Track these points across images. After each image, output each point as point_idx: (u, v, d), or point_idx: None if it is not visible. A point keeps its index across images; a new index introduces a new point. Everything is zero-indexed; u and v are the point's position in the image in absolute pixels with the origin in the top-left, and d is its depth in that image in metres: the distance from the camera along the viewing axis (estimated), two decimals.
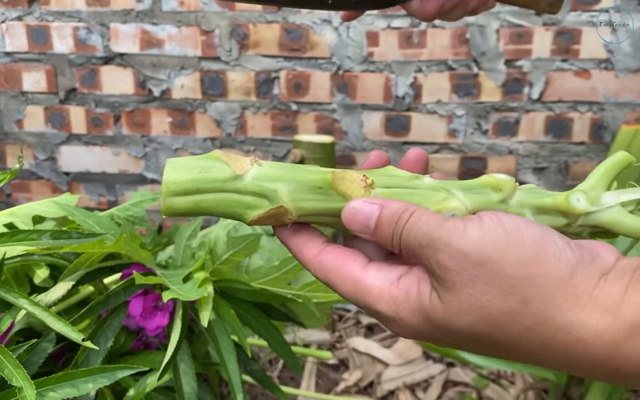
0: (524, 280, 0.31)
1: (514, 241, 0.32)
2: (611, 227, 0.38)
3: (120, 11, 1.54)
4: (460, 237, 0.33)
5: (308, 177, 0.38)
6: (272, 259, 0.74)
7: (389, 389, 1.45)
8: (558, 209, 0.38)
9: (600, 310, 0.31)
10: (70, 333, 0.55)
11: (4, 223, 0.70)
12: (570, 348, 0.31)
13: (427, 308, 0.34)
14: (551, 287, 0.32)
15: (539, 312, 0.31)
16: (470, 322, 0.32)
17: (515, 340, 0.32)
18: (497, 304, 0.32)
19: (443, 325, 0.33)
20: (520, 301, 0.31)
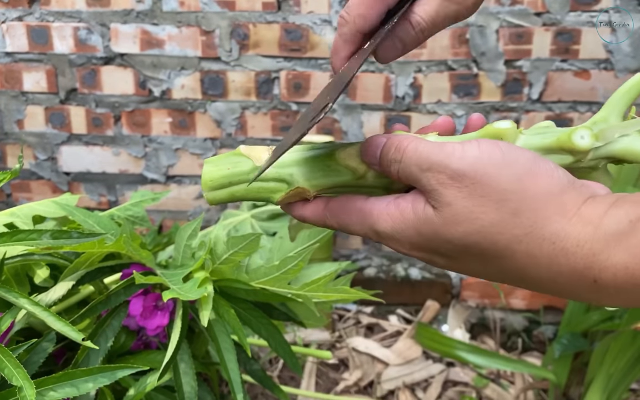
0: (517, 193, 0.34)
1: (509, 159, 0.34)
2: (626, 156, 0.39)
3: (120, 11, 1.54)
4: (459, 159, 0.35)
5: (318, 158, 0.42)
6: (272, 258, 0.74)
7: (388, 389, 1.45)
8: (562, 148, 0.39)
9: (584, 222, 0.32)
10: (71, 333, 0.55)
11: (5, 223, 0.70)
12: (554, 259, 0.33)
13: (421, 220, 0.36)
14: (542, 201, 0.33)
15: (528, 222, 0.33)
16: (462, 232, 0.35)
17: (503, 250, 0.34)
18: (490, 215, 0.34)
19: (435, 236, 0.36)
20: (512, 212, 0.33)
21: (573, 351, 1.26)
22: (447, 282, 1.66)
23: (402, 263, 1.68)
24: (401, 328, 1.63)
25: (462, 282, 1.65)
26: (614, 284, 0.31)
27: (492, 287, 1.62)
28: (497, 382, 1.47)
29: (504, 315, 1.64)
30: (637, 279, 0.30)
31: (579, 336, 1.26)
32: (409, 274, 1.67)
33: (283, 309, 0.74)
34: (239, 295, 0.70)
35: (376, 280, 1.67)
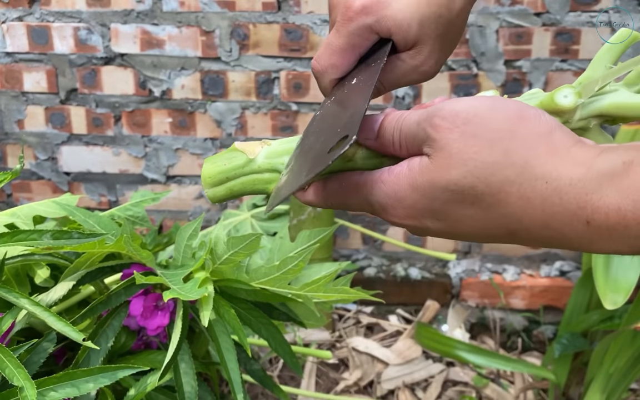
0: (507, 132, 0.34)
1: (500, 104, 0.35)
2: (614, 112, 0.38)
3: (120, 11, 1.55)
4: (452, 102, 0.35)
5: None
6: (273, 258, 0.74)
7: (388, 389, 1.45)
8: (547, 110, 0.39)
9: (576, 163, 0.32)
10: (71, 333, 0.55)
11: (5, 223, 0.70)
12: (547, 199, 0.32)
13: (415, 173, 0.36)
14: (532, 140, 0.33)
15: (520, 162, 0.33)
16: (456, 175, 0.34)
17: (497, 193, 0.34)
18: (482, 155, 0.33)
19: (430, 186, 0.35)
20: (503, 151, 0.33)
21: (573, 351, 1.26)
22: (447, 282, 1.66)
23: (402, 263, 1.68)
24: (401, 328, 1.63)
25: (462, 282, 1.65)
26: (606, 226, 0.31)
27: (492, 287, 1.62)
28: (497, 382, 1.47)
29: (504, 315, 1.64)
30: (628, 221, 0.30)
31: (579, 336, 1.26)
32: (409, 273, 1.67)
33: (283, 309, 0.75)
34: (239, 295, 0.70)
35: (376, 280, 1.67)
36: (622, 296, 1.03)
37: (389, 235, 1.66)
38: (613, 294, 1.04)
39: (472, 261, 1.66)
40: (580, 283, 1.34)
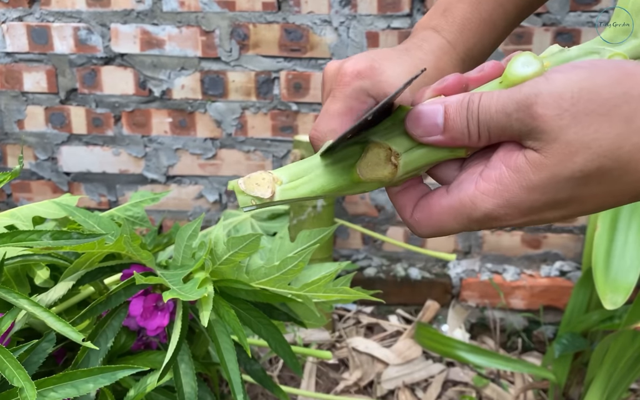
0: (621, 97, 0.30)
1: (596, 69, 0.32)
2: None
3: (120, 11, 1.55)
4: (547, 85, 0.31)
5: (335, 183, 0.38)
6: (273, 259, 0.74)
7: (388, 389, 1.45)
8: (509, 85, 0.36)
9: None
10: (71, 333, 0.55)
11: (4, 224, 0.70)
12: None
13: (527, 173, 0.33)
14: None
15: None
16: (581, 161, 0.31)
17: (626, 164, 0.31)
18: (603, 131, 0.31)
19: (550, 181, 0.32)
20: (624, 119, 0.30)
21: (573, 351, 1.26)
22: (447, 282, 1.66)
23: (402, 263, 1.68)
24: (401, 328, 1.63)
25: (462, 282, 1.65)
26: None
27: (492, 287, 1.62)
28: (497, 382, 1.47)
29: (504, 315, 1.64)
30: None
31: (579, 336, 1.26)
32: (409, 274, 1.67)
33: (283, 309, 0.74)
34: (239, 295, 0.70)
35: (376, 280, 1.67)
36: (622, 296, 1.03)
37: (389, 235, 1.66)
38: (613, 294, 1.04)
39: (472, 261, 1.66)
40: (580, 283, 1.34)
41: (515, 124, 0.33)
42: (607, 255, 1.09)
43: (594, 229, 1.15)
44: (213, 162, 1.65)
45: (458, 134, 0.35)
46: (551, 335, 1.62)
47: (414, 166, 0.37)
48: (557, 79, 0.31)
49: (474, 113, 0.34)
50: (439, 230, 0.37)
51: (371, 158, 0.37)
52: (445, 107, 0.36)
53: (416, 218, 0.38)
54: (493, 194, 0.34)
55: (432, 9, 0.51)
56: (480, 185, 0.34)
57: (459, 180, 0.36)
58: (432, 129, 0.36)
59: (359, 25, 1.50)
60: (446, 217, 0.36)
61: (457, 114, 0.35)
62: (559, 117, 0.31)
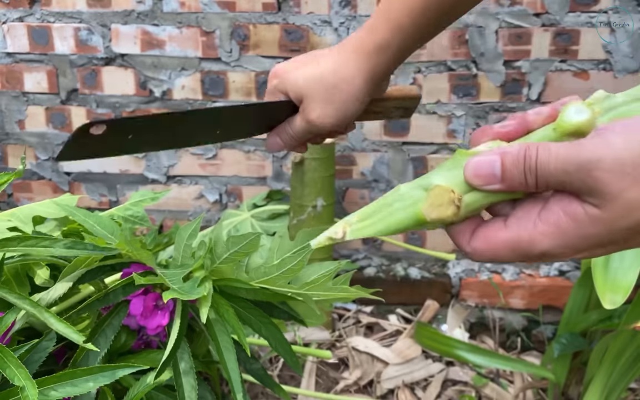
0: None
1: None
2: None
3: (121, 12, 1.55)
4: (609, 150, 0.34)
5: (402, 224, 0.41)
6: (272, 258, 0.74)
7: (388, 388, 1.45)
8: (562, 133, 0.38)
9: None
10: (72, 334, 0.55)
11: (5, 224, 0.70)
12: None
13: (585, 224, 0.35)
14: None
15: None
16: (638, 217, 0.34)
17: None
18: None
19: (607, 232, 0.35)
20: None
21: (572, 350, 1.26)
22: (447, 282, 1.66)
23: (402, 263, 1.69)
24: (401, 327, 1.64)
25: (462, 281, 1.65)
26: None
27: (491, 286, 1.63)
28: (497, 382, 1.47)
29: (503, 315, 1.64)
30: None
31: (578, 336, 1.26)
32: (409, 273, 1.67)
33: (283, 308, 0.75)
34: (239, 294, 0.70)
35: (376, 280, 1.67)
36: (621, 296, 1.03)
37: None
38: (612, 294, 1.04)
39: (471, 261, 1.66)
40: (580, 283, 1.34)
41: (575, 183, 0.35)
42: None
43: None
44: (213, 162, 1.65)
45: (516, 185, 0.38)
46: (550, 334, 1.63)
47: (474, 207, 0.40)
48: (617, 145, 0.34)
49: (532, 167, 0.37)
50: (495, 258, 0.40)
51: (435, 200, 0.40)
52: (502, 160, 0.38)
53: (474, 246, 0.40)
54: (551, 236, 0.36)
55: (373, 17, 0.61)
56: (538, 226, 0.37)
57: (516, 216, 0.39)
58: (490, 179, 0.38)
59: (359, 25, 1.50)
60: (503, 249, 0.39)
61: (515, 167, 0.37)
62: (621, 180, 0.33)
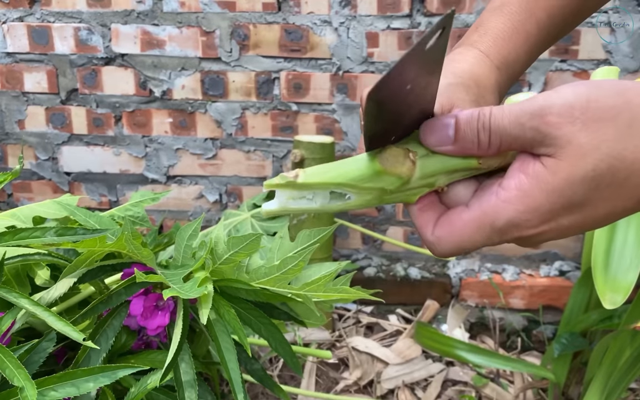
0: (623, 105, 0.34)
1: (602, 83, 0.35)
2: None
3: (121, 12, 1.55)
4: (559, 98, 0.35)
5: (358, 171, 0.40)
6: (273, 258, 0.74)
7: (388, 388, 1.45)
8: None
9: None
10: (71, 333, 0.55)
11: (5, 225, 0.70)
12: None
13: (545, 177, 0.35)
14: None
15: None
16: (593, 161, 0.34)
17: (631, 164, 0.34)
18: (610, 134, 0.34)
19: (567, 182, 0.35)
20: (628, 124, 0.34)
21: (572, 350, 1.26)
22: (447, 282, 1.66)
23: (402, 263, 1.69)
24: (401, 327, 1.64)
25: (462, 281, 1.65)
26: None
27: (492, 286, 1.63)
28: (497, 382, 1.47)
29: (503, 315, 1.64)
30: None
31: (578, 336, 1.26)
32: (409, 273, 1.67)
33: (283, 308, 0.75)
34: (240, 295, 0.70)
35: (376, 280, 1.67)
36: (622, 296, 1.03)
37: (389, 235, 1.66)
38: (612, 294, 1.04)
39: (471, 261, 1.66)
40: (580, 283, 1.34)
41: (528, 132, 0.35)
42: (606, 254, 1.09)
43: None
44: (213, 162, 1.65)
45: (468, 144, 0.38)
46: (550, 334, 1.63)
47: (429, 171, 0.40)
48: (567, 92, 0.35)
49: (486, 124, 0.37)
50: (460, 245, 0.39)
51: (390, 153, 0.39)
52: (456, 120, 0.38)
53: (437, 235, 0.40)
54: (514, 201, 0.36)
55: (466, 33, 0.54)
56: (500, 194, 0.37)
57: (477, 195, 0.39)
58: (444, 139, 0.39)
59: (359, 25, 1.50)
60: (468, 230, 0.38)
61: (467, 126, 0.38)
62: (572, 123, 0.34)
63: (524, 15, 0.52)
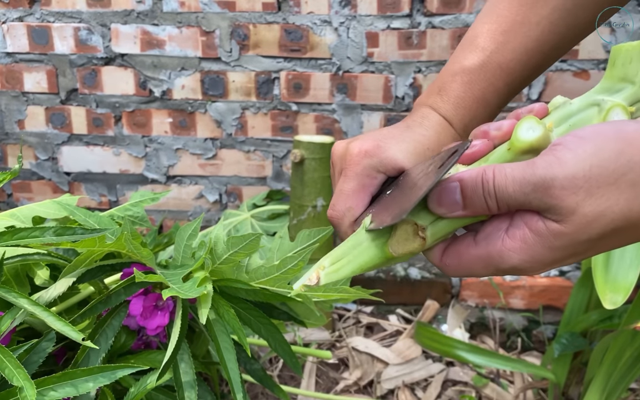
0: (625, 166, 0.35)
1: (601, 142, 0.35)
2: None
3: (121, 12, 1.55)
4: (561, 167, 0.35)
5: (372, 262, 0.43)
6: (272, 258, 0.74)
7: (388, 388, 1.45)
8: (518, 150, 0.40)
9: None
10: (71, 333, 0.55)
11: (4, 225, 0.70)
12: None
13: (549, 239, 0.36)
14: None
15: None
16: (599, 228, 0.35)
17: (636, 220, 0.35)
18: (614, 199, 0.35)
19: (570, 244, 0.36)
20: (630, 186, 0.35)
21: (572, 351, 1.26)
22: (447, 282, 1.66)
23: (402, 263, 1.69)
24: (401, 328, 1.64)
25: (462, 282, 1.65)
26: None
27: (492, 287, 1.62)
28: (497, 382, 1.47)
29: (504, 315, 1.64)
30: None
31: (578, 336, 1.26)
32: (409, 273, 1.67)
33: (283, 308, 0.75)
34: (239, 295, 0.70)
35: (376, 280, 1.67)
36: (622, 296, 1.03)
37: None
38: (612, 294, 1.04)
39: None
40: (580, 283, 1.34)
41: (534, 202, 0.36)
42: (606, 254, 1.09)
43: None
44: (213, 162, 1.65)
45: (478, 209, 0.39)
46: (551, 334, 1.63)
47: (441, 234, 0.41)
48: (568, 161, 0.35)
49: (491, 192, 0.38)
50: (468, 273, 0.41)
51: (400, 235, 0.41)
52: (461, 186, 0.39)
53: (446, 263, 0.42)
54: (519, 252, 0.38)
55: (428, 88, 0.56)
56: (506, 242, 0.38)
57: (485, 232, 0.40)
58: (454, 206, 0.40)
59: (359, 25, 1.50)
60: (475, 265, 0.40)
61: (474, 193, 0.39)
62: (575, 194, 0.35)
63: (484, 84, 0.53)
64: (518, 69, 0.53)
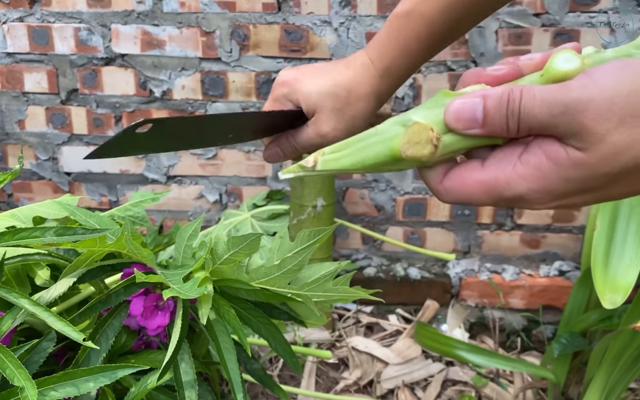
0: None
1: (630, 69, 0.33)
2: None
3: (121, 12, 1.55)
4: (598, 90, 0.32)
5: (376, 158, 0.40)
6: (273, 258, 0.74)
7: (388, 388, 1.45)
8: (550, 80, 0.37)
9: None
10: (71, 333, 0.55)
11: (5, 225, 0.70)
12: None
13: (567, 167, 0.34)
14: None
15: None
16: (624, 161, 0.32)
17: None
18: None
19: (590, 176, 0.33)
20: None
21: (572, 350, 1.26)
22: (447, 282, 1.66)
23: (402, 263, 1.69)
24: (401, 327, 1.64)
25: (462, 281, 1.65)
26: None
27: (491, 286, 1.63)
28: (496, 382, 1.47)
29: (503, 315, 1.64)
30: None
31: (578, 335, 1.26)
32: (409, 273, 1.67)
33: (283, 308, 0.75)
34: (239, 295, 0.70)
35: (376, 280, 1.67)
36: (621, 296, 1.03)
37: (389, 235, 1.67)
38: (612, 294, 1.04)
39: (471, 261, 1.66)
40: (579, 283, 1.34)
41: (561, 125, 0.34)
42: (606, 254, 1.09)
43: (593, 228, 1.15)
44: (213, 162, 1.65)
45: (497, 129, 0.36)
46: (550, 334, 1.63)
47: (451, 149, 0.38)
48: (606, 85, 0.32)
49: (515, 111, 0.35)
50: (467, 200, 0.38)
51: (413, 136, 0.38)
52: (484, 103, 0.36)
53: (446, 185, 0.39)
54: (530, 179, 0.35)
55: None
56: (518, 168, 0.35)
57: (496, 158, 0.37)
58: (471, 123, 0.37)
59: (359, 25, 1.50)
60: (478, 190, 0.37)
61: (497, 111, 0.36)
62: (608, 119, 0.32)
63: (407, 30, 0.58)
64: (440, 19, 0.57)
